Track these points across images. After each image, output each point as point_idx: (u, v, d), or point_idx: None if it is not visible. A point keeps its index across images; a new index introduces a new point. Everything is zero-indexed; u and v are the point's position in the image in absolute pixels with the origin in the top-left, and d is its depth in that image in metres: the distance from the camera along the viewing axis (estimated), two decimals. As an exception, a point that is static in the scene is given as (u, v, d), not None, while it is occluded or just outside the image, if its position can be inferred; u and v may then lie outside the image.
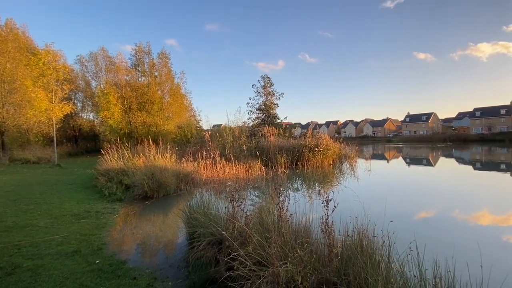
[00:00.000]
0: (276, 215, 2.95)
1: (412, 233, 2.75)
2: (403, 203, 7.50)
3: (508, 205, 7.15)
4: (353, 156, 17.29)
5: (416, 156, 25.53)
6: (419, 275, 1.98)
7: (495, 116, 62.69)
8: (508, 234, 4.96)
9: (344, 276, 2.22)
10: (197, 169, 10.52)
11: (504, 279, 2.00)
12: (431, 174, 14.76)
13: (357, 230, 2.67)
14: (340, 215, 3.10)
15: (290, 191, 9.31)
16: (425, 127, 75.04)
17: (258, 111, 23.02)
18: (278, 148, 14.53)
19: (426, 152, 30.14)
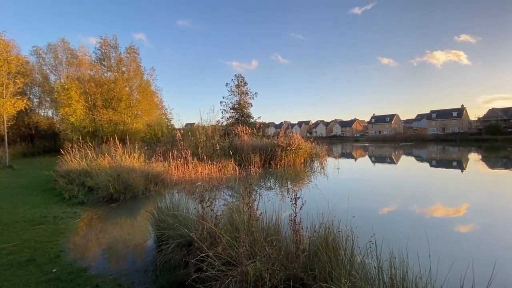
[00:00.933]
0: (247, 215, 2.96)
1: (375, 227, 2.94)
2: (368, 199, 7.97)
3: (457, 199, 7.92)
4: (323, 155, 17.95)
5: (380, 155, 27.23)
6: (378, 266, 2.13)
7: (448, 118, 69.14)
8: (458, 224, 5.51)
9: (311, 271, 2.31)
10: (167, 169, 10.19)
11: (451, 265, 2.22)
12: (394, 171, 15.86)
13: (324, 226, 2.79)
14: (308, 212, 3.21)
15: (263, 189, 9.42)
16: (389, 128, 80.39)
17: (232, 110, 22.93)
18: (252, 148, 14.60)
19: (390, 151, 32.31)
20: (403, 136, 64.93)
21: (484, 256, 3.82)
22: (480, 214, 6.24)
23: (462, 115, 67.54)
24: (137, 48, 24.15)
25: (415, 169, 16.41)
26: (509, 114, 59.45)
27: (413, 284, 2.02)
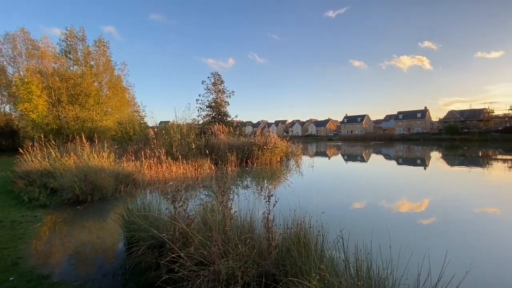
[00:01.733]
0: (221, 214, 2.96)
1: (344, 222, 3.07)
2: (339, 196, 8.32)
3: (419, 195, 8.54)
4: (299, 154, 18.37)
5: (352, 154, 28.47)
6: (345, 259, 2.24)
7: (413, 119, 74.07)
8: (418, 218, 5.94)
9: (282, 267, 2.37)
10: (139, 169, 9.81)
11: (410, 256, 2.40)
12: (364, 169, 16.68)
13: (296, 223, 2.87)
14: (283, 210, 3.28)
15: (240, 188, 9.43)
16: (360, 128, 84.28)
17: (208, 109, 22.58)
18: (229, 146, 14.54)
19: (361, 149, 33.89)
20: (373, 136, 68.48)
21: (440, 247, 4.17)
22: (439, 209, 6.79)
23: (426, 116, 72.77)
24: (107, 41, 22.86)
25: (383, 167, 17.40)
26: (466, 115, 65.13)
27: (377, 274, 2.15)
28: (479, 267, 3.49)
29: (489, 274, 3.38)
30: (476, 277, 3.10)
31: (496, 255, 4.05)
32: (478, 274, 3.22)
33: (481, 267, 3.46)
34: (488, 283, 3.14)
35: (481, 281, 3.12)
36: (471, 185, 10.40)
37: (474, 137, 48.93)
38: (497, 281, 3.25)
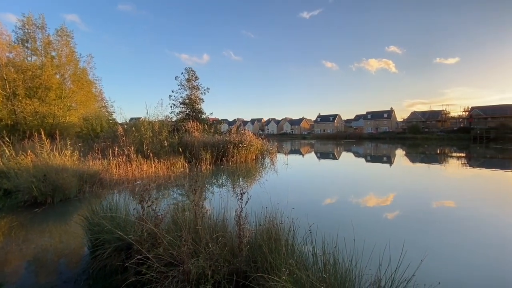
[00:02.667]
0: (192, 213, 2.90)
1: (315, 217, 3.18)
2: (311, 192, 8.59)
3: (385, 190, 9.10)
4: (274, 152, 18.62)
5: (325, 151, 29.50)
6: (314, 253, 2.33)
7: (380, 119, 78.53)
8: (382, 212, 6.34)
9: (254, 264, 2.39)
10: (107, 168, 9.29)
11: (373, 247, 2.56)
12: (335, 166, 17.37)
13: (268, 220, 2.91)
14: (256, 207, 3.31)
15: (215, 187, 9.33)
16: (332, 126, 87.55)
17: (182, 105, 21.95)
18: (203, 144, 14.29)
19: (332, 147, 35.23)
20: (344, 135, 71.57)
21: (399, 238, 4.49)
22: (401, 203, 7.30)
23: (391, 117, 77.53)
24: (71, 31, 21.14)
25: (353, 164, 18.26)
26: (426, 116, 70.49)
27: (343, 266, 2.26)
28: (435, 254, 3.82)
29: (443, 261, 3.71)
30: (431, 265, 3.38)
31: (451, 243, 4.46)
32: (434, 261, 3.53)
33: (437, 255, 3.79)
34: (441, 269, 3.45)
35: (436, 268, 3.41)
36: (430, 180, 11.30)
37: (433, 136, 53.24)
38: (450, 266, 3.58)
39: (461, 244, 4.45)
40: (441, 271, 3.35)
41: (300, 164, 18.09)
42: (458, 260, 3.82)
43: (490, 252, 4.14)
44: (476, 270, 3.54)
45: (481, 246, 4.38)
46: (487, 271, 3.50)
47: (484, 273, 3.45)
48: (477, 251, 4.17)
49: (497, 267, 3.61)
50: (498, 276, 3.37)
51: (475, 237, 4.78)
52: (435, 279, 2.26)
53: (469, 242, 4.57)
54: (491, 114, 56.90)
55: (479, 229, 5.22)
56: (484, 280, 3.26)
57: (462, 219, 5.82)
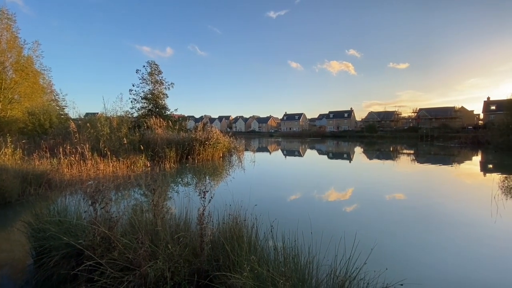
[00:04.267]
0: (152, 213, 2.77)
1: (278, 213, 3.25)
2: (277, 188, 8.80)
3: (344, 185, 9.69)
4: (241, 149, 18.64)
5: (291, 149, 30.39)
6: (275, 248, 2.38)
7: (341, 118, 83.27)
8: (341, 205, 6.74)
9: (216, 262, 2.37)
10: (57, 168, 8.43)
11: (330, 238, 2.70)
12: (300, 162, 18.00)
13: (232, 217, 2.91)
14: (222, 205, 3.27)
15: (180, 186, 9.03)
16: (297, 125, 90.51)
17: (144, 100, 20.74)
18: (167, 142, 13.71)
19: (298, 145, 36.45)
20: (309, 133, 74.48)
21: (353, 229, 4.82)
22: (357, 196, 7.83)
23: (351, 116, 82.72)
24: (13, 14, 18.64)
25: (316, 161, 19.11)
26: (382, 116, 76.51)
27: (302, 260, 2.35)
28: (385, 243, 4.18)
29: (392, 248, 4.07)
30: (381, 252, 3.70)
31: (398, 230, 4.91)
32: (383, 248, 3.86)
33: (386, 242, 4.16)
34: (389, 255, 3.79)
35: (385, 254, 3.74)
36: (384, 175, 12.30)
37: (387, 135, 58.09)
38: (397, 252, 3.94)
39: (408, 231, 4.93)
40: (389, 257, 3.68)
41: (267, 161, 18.38)
42: (405, 246, 4.23)
43: (432, 236, 4.66)
44: (421, 252, 3.96)
45: (425, 231, 4.91)
46: (430, 252, 3.93)
47: (428, 254, 3.87)
48: (422, 236, 4.67)
49: (439, 248, 4.08)
50: (440, 255, 3.81)
51: (420, 224, 5.33)
52: (384, 266, 2.46)
53: (415, 228, 5.09)
54: (435, 115, 63.82)
55: (423, 216, 5.84)
56: (428, 260, 3.66)
57: (409, 208, 6.46)
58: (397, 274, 2.45)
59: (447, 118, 61.02)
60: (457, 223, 5.49)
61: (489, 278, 3.29)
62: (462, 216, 5.95)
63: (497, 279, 3.28)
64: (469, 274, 3.39)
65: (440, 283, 3.13)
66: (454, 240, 4.55)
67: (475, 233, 4.92)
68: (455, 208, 6.68)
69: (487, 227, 5.14)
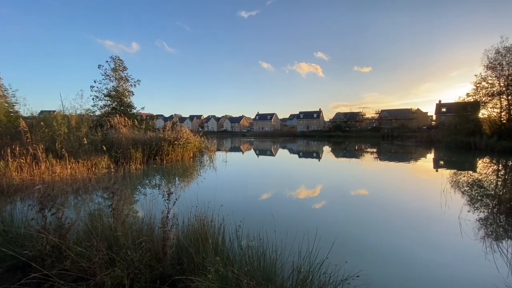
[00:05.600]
0: (111, 218, 2.60)
1: (246, 213, 3.26)
2: (248, 188, 8.84)
3: (311, 183, 10.03)
4: (213, 149, 18.38)
5: (263, 148, 30.68)
6: (241, 248, 2.39)
7: (311, 119, 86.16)
8: (307, 203, 6.97)
9: (179, 266, 2.30)
10: (3, 171, 7.57)
11: (295, 236, 2.78)
12: (272, 162, 18.25)
13: (198, 219, 2.85)
14: (189, 206, 3.18)
15: (148, 188, 8.63)
16: (269, 125, 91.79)
17: (107, 98, 19.47)
18: (133, 142, 13.03)
19: (270, 145, 36.93)
20: (280, 132, 75.98)
21: (315, 225, 5.02)
22: (323, 194, 8.16)
23: (320, 117, 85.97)
24: None
25: (287, 160, 19.53)
26: (348, 117, 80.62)
27: (268, 258, 2.39)
28: (346, 236, 4.41)
29: (352, 242, 4.31)
30: (343, 246, 3.89)
31: (359, 225, 5.21)
32: (345, 243, 4.07)
33: (348, 237, 4.39)
34: (350, 249, 4.00)
35: (346, 248, 3.94)
36: (349, 173, 12.97)
37: (353, 134, 61.40)
38: (358, 246, 4.18)
39: (367, 224, 5.26)
40: (349, 250, 3.89)
41: (240, 161, 18.35)
42: (364, 238, 4.50)
43: (389, 228, 5.02)
44: (379, 243, 4.24)
45: (382, 223, 5.27)
46: (387, 243, 4.23)
47: (384, 245, 4.16)
48: (380, 228, 5.00)
49: (395, 239, 4.41)
50: (396, 245, 4.12)
51: (379, 217, 5.71)
52: (345, 259, 2.59)
53: (374, 221, 5.44)
54: (395, 116, 68.84)
55: (382, 210, 6.26)
56: (384, 250, 3.93)
57: (370, 203, 6.89)
58: (356, 266, 2.60)
59: (405, 119, 66.17)
60: (412, 215, 5.99)
61: (438, 260, 3.64)
62: (417, 209, 6.51)
63: (443, 261, 3.64)
64: (420, 260, 3.71)
65: (394, 271, 3.39)
66: (409, 232, 4.96)
67: (427, 224, 5.40)
68: (410, 201, 7.28)
69: (437, 218, 5.68)
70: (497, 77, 27.10)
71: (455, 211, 5.90)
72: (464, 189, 8.66)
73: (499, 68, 26.76)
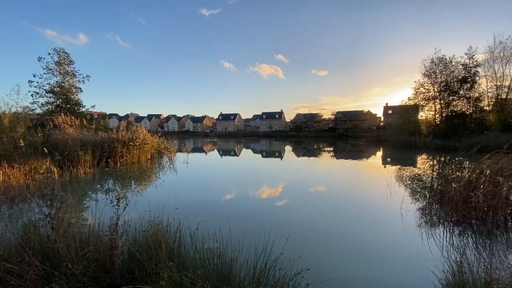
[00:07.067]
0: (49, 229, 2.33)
1: (206, 214, 3.20)
2: (209, 189, 8.70)
3: (274, 182, 10.28)
4: (173, 150, 17.67)
5: (226, 149, 30.46)
6: (196, 250, 2.34)
7: (273, 119, 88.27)
8: (271, 202, 7.14)
9: (130, 275, 2.17)
10: None
11: (253, 232, 2.82)
12: (235, 162, 18.22)
13: (153, 224, 2.71)
14: (143, 211, 3.01)
15: (99, 193, 7.95)
16: (233, 125, 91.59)
17: (49, 95, 17.40)
18: (81, 143, 11.85)
19: (234, 145, 36.85)
20: (244, 133, 76.34)
21: (273, 222, 5.19)
22: (284, 193, 8.43)
23: (281, 117, 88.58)
24: None
25: (251, 160, 19.70)
26: (307, 118, 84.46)
27: (227, 258, 2.38)
28: (299, 232, 4.62)
29: (305, 237, 4.54)
30: (297, 241, 4.07)
31: (312, 220, 5.50)
32: (299, 238, 4.27)
33: (301, 232, 4.61)
34: (304, 244, 4.21)
35: (300, 243, 4.14)
36: (309, 170, 13.60)
37: (311, 134, 64.59)
38: (310, 240, 4.41)
39: (319, 218, 5.60)
40: (303, 245, 4.09)
41: (202, 162, 17.94)
42: (316, 232, 4.78)
43: (340, 221, 5.40)
44: (330, 236, 4.54)
45: (334, 217, 5.65)
46: (339, 235, 4.54)
47: (337, 236, 4.46)
48: (331, 221, 5.35)
49: (344, 230, 4.75)
50: (348, 236, 4.44)
51: (332, 211, 6.11)
52: (298, 254, 2.72)
53: (327, 215, 5.80)
54: (349, 117, 74.10)
55: (335, 204, 6.71)
56: (333, 242, 4.22)
57: (325, 198, 7.33)
58: (309, 259, 2.74)
59: (357, 120, 71.63)
60: (362, 208, 6.54)
61: (382, 248, 4.03)
62: (366, 202, 7.12)
63: (387, 248, 4.04)
64: (367, 248, 4.06)
65: (344, 260, 3.65)
66: (358, 223, 5.40)
67: (374, 215, 5.95)
68: (361, 196, 7.93)
69: (383, 209, 6.28)
70: (432, 83, 31.04)
71: (398, 202, 6.57)
72: (406, 182, 9.71)
73: (434, 76, 30.69)
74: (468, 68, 28.46)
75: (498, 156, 5.90)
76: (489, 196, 5.14)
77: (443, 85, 29.82)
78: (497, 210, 5.04)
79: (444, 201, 6.19)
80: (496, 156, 5.90)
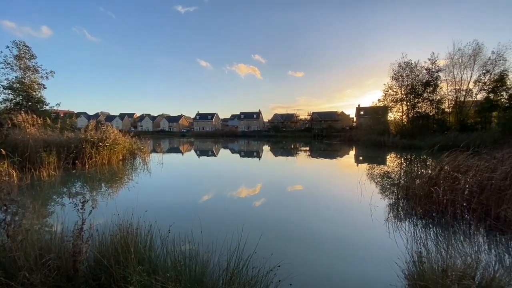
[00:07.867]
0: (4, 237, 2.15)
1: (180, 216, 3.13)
2: (182, 190, 8.53)
3: (251, 182, 10.32)
4: (146, 151, 17.05)
5: (204, 149, 29.99)
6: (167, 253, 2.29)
7: (251, 119, 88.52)
8: (252, 200, 7.17)
9: (95, 282, 2.07)
10: None
11: (227, 232, 2.82)
12: (213, 162, 18.01)
13: (122, 227, 2.61)
14: (111, 214, 2.87)
15: (66, 197, 7.44)
16: (210, 125, 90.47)
17: (8, 91, 15.99)
18: (45, 144, 11.04)
19: (212, 145, 36.40)
20: (222, 132, 75.75)
21: (240, 222, 5.24)
22: (263, 191, 8.51)
23: (259, 117, 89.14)
24: None
25: (229, 160, 19.59)
26: (284, 118, 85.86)
27: (200, 259, 2.36)
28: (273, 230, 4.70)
29: (277, 235, 4.63)
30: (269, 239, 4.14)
31: (286, 217, 5.63)
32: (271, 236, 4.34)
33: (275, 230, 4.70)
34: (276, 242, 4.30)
35: (272, 241, 4.22)
36: (286, 170, 13.82)
37: (288, 134, 65.80)
38: (283, 238, 4.51)
39: (293, 215, 5.74)
40: (275, 243, 4.18)
41: (179, 162, 17.51)
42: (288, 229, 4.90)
43: (313, 218, 5.58)
44: (304, 232, 4.67)
45: (307, 214, 5.82)
46: (311, 231, 4.68)
47: (309, 233, 4.59)
48: (304, 218, 5.51)
49: (319, 227, 4.91)
50: (319, 232, 4.59)
51: (305, 208, 6.28)
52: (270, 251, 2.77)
53: (301, 212, 5.96)
54: (324, 118, 76.50)
55: (308, 201, 6.90)
56: (309, 239, 4.35)
57: (299, 196, 7.52)
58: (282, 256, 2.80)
59: (332, 120, 74.21)
60: (334, 205, 6.81)
61: (353, 241, 4.23)
62: (339, 199, 7.41)
63: (357, 242, 4.25)
64: (337, 243, 4.24)
65: (315, 255, 3.78)
66: (330, 219, 5.62)
67: (346, 212, 6.22)
68: (334, 193, 8.25)
69: (354, 206, 6.58)
70: (400, 86, 33.07)
71: (368, 199, 6.92)
72: (376, 180, 10.25)
73: (401, 79, 32.71)
74: (431, 72, 30.73)
75: (455, 154, 6.46)
76: (448, 191, 5.59)
77: (409, 88, 31.89)
78: (455, 203, 5.49)
79: (409, 197, 6.62)
80: (454, 154, 6.45)
